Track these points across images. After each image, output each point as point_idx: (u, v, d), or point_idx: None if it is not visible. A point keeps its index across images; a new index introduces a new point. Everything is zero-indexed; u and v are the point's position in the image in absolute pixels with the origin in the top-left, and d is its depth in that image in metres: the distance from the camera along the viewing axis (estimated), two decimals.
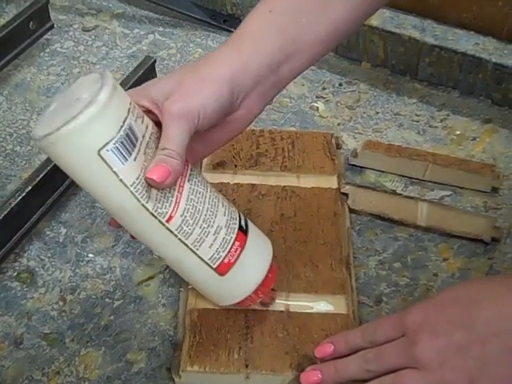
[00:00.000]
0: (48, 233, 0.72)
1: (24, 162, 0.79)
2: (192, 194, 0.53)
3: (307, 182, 0.74)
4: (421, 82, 0.88)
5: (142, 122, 0.51)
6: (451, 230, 0.70)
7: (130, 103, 0.50)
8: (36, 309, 0.65)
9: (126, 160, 0.48)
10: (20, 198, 0.69)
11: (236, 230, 0.55)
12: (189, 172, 0.53)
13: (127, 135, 0.48)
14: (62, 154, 0.48)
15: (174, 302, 0.65)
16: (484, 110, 0.85)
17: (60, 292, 0.67)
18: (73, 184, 0.75)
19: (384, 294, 0.66)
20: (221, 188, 0.73)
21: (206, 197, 0.54)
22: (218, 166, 0.75)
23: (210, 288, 0.57)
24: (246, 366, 0.59)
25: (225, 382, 0.59)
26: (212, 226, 0.53)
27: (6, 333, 0.63)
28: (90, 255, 0.70)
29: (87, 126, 0.46)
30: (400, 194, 0.74)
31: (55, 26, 0.93)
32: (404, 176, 0.77)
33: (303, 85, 0.89)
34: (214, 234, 0.54)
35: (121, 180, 0.48)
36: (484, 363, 0.48)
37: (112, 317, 0.65)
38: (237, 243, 0.55)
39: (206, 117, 0.52)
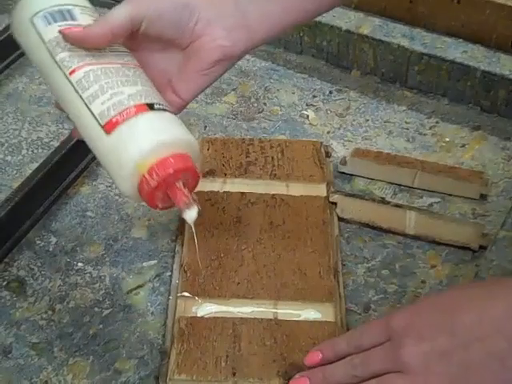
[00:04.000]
0: (38, 242, 0.72)
1: (15, 171, 0.79)
2: (110, 64, 0.56)
3: (296, 190, 0.74)
4: (410, 89, 0.89)
5: (91, 16, 0.58)
6: (439, 239, 0.70)
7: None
8: (25, 318, 0.65)
9: (50, 24, 0.56)
10: (10, 207, 0.69)
11: (140, 102, 0.55)
12: (123, 51, 0.58)
13: (61, 11, 0.57)
14: (16, 26, 0.58)
15: (163, 310, 0.66)
16: (473, 117, 0.85)
17: (49, 301, 0.67)
18: (63, 193, 0.76)
19: (372, 302, 0.66)
20: (210, 196, 0.73)
21: (124, 73, 0.56)
22: (208, 174, 0.76)
23: (100, 149, 0.55)
24: (234, 375, 0.59)
25: None
26: (113, 88, 0.55)
27: None
28: (80, 264, 0.70)
29: (26, 2, 0.58)
30: (389, 203, 0.74)
31: None
32: (393, 183, 0.77)
33: (294, 93, 0.89)
34: (111, 95, 0.54)
35: (40, 36, 0.56)
36: (467, 368, 0.49)
37: (101, 326, 0.65)
38: (132, 109, 0.54)
39: (152, 20, 0.56)
